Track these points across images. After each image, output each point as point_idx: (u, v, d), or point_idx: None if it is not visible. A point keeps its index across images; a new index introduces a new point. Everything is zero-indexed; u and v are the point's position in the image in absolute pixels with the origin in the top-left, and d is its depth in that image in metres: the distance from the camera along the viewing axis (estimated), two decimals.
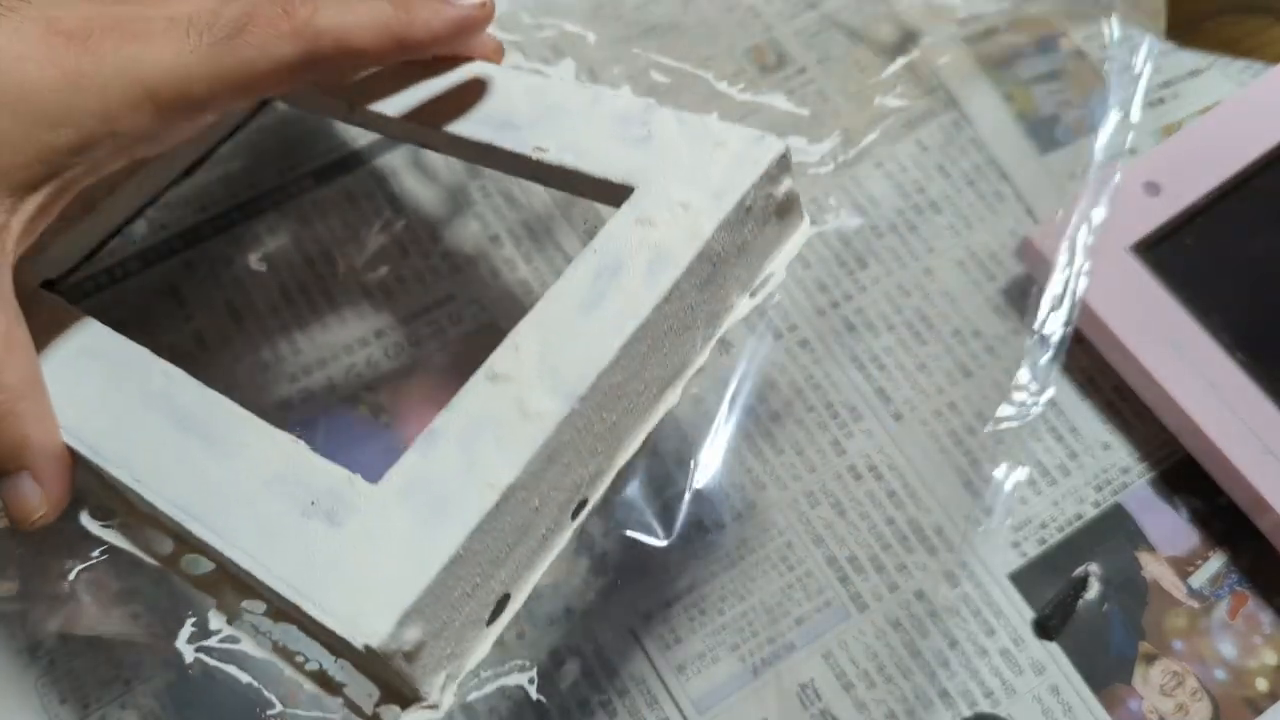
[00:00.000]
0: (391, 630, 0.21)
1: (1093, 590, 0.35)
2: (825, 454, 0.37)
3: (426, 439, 0.24)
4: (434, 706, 0.23)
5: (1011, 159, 0.41)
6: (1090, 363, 0.38)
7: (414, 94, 0.30)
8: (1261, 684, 0.34)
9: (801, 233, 0.28)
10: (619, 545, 0.35)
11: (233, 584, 0.25)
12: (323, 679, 0.24)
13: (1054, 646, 0.34)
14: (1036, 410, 0.37)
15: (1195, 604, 0.35)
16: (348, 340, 0.37)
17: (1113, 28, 0.42)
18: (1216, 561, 0.36)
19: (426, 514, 0.22)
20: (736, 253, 0.27)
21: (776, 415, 0.37)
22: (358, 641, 0.21)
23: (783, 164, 0.27)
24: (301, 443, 0.25)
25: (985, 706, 0.34)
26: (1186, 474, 0.36)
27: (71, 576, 0.28)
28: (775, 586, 0.35)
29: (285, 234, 0.39)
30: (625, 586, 0.34)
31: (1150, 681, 0.34)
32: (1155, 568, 0.35)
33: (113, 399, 0.26)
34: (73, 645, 0.33)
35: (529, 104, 0.29)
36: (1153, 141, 0.42)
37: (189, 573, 0.26)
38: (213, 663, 0.25)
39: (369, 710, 0.24)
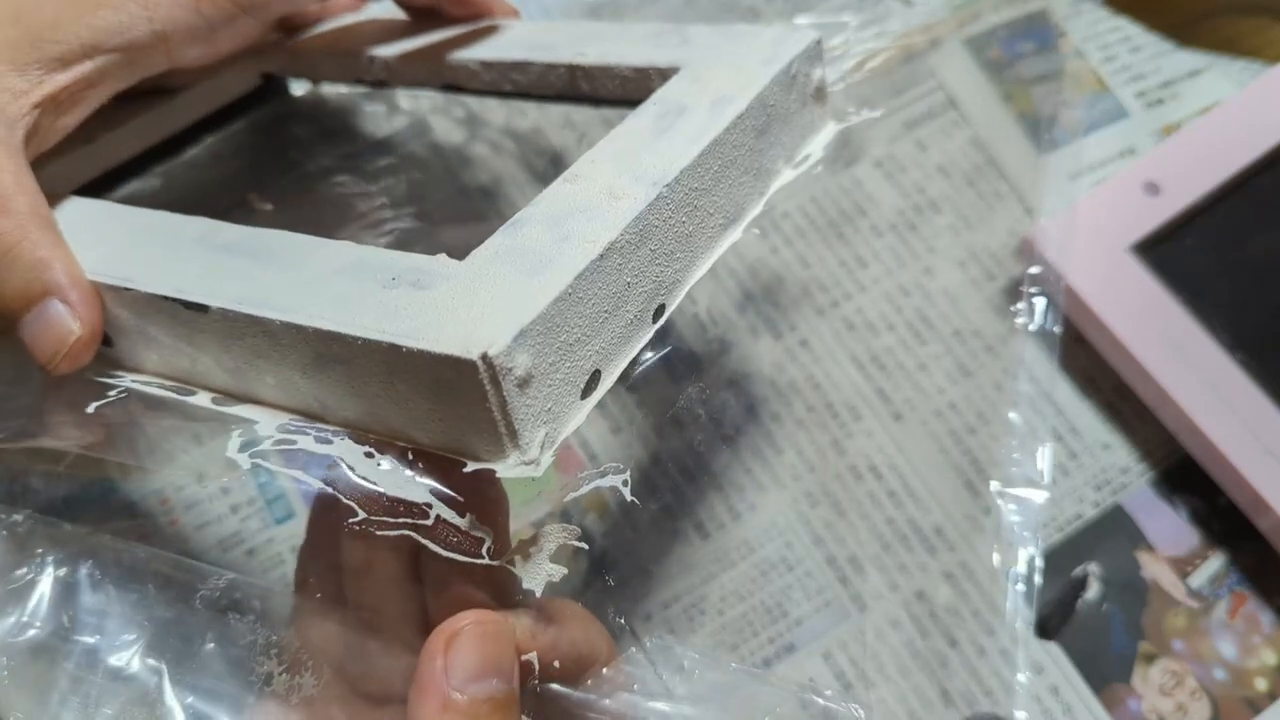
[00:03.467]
0: (509, 343, 0.20)
1: (1093, 590, 0.35)
2: (825, 454, 0.37)
3: (510, 226, 0.23)
4: (533, 463, 0.21)
5: (1011, 159, 0.41)
6: (1090, 363, 0.38)
7: (436, 38, 0.31)
8: (1261, 684, 0.34)
9: (829, 130, 0.30)
10: (619, 545, 0.35)
11: (291, 412, 0.24)
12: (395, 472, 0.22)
13: (1054, 646, 0.34)
14: (1036, 410, 0.37)
15: (1195, 604, 0.35)
16: None
17: None
18: (1216, 561, 0.36)
19: (528, 268, 0.22)
20: (784, 117, 0.27)
21: (777, 415, 0.37)
22: (473, 353, 0.19)
23: (818, 50, 0.28)
24: (369, 245, 0.23)
25: (985, 706, 0.34)
26: (1186, 474, 0.36)
27: (90, 410, 0.25)
28: (775, 586, 0.35)
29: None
30: (625, 586, 0.34)
31: (1150, 681, 0.34)
32: (1155, 568, 0.35)
33: (150, 242, 0.25)
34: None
35: (558, 35, 0.31)
36: (1153, 141, 0.42)
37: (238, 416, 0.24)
38: (275, 468, 0.22)
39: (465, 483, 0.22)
